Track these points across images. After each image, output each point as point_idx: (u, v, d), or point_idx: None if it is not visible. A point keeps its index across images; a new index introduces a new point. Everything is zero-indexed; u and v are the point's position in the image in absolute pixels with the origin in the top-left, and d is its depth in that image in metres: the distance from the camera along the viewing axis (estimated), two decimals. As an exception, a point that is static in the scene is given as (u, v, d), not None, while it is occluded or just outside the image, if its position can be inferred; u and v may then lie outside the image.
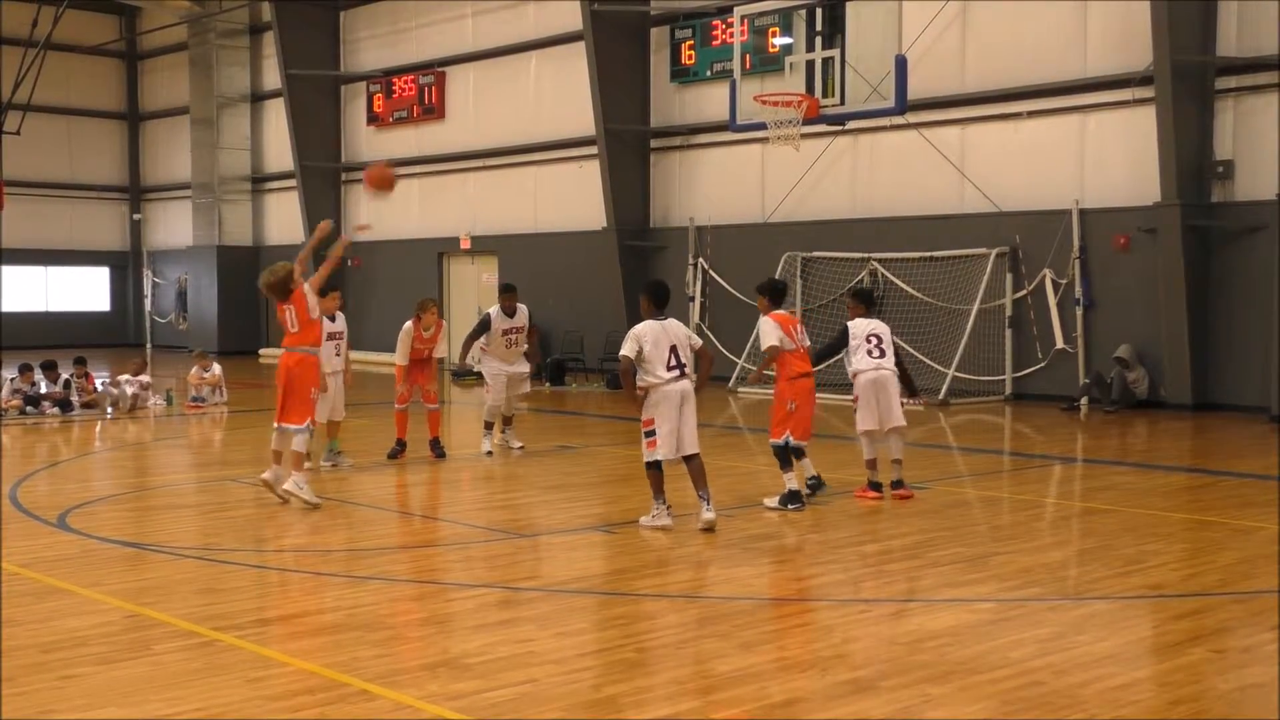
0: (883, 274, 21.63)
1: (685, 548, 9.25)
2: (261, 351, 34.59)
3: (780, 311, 10.84)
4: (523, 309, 14.31)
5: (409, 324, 13.77)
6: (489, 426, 14.33)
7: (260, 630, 7.02)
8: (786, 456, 10.60)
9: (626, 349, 9.51)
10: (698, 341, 9.86)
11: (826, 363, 11.58)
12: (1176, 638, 6.92)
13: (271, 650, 6.58)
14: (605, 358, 25.31)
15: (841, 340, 11.16)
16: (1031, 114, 20.38)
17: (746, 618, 7.40)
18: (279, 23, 32.12)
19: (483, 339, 14.17)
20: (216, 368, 20.26)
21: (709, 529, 9.54)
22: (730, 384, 21.98)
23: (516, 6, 28.09)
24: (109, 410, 19.00)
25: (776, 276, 11.70)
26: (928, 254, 21.02)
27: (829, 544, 9.39)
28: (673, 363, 9.49)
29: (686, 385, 9.58)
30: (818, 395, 11.25)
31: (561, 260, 26.70)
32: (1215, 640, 6.84)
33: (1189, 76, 18.16)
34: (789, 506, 10.40)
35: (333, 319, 13.04)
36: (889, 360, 10.94)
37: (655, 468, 9.67)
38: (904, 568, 8.55)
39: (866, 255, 21.82)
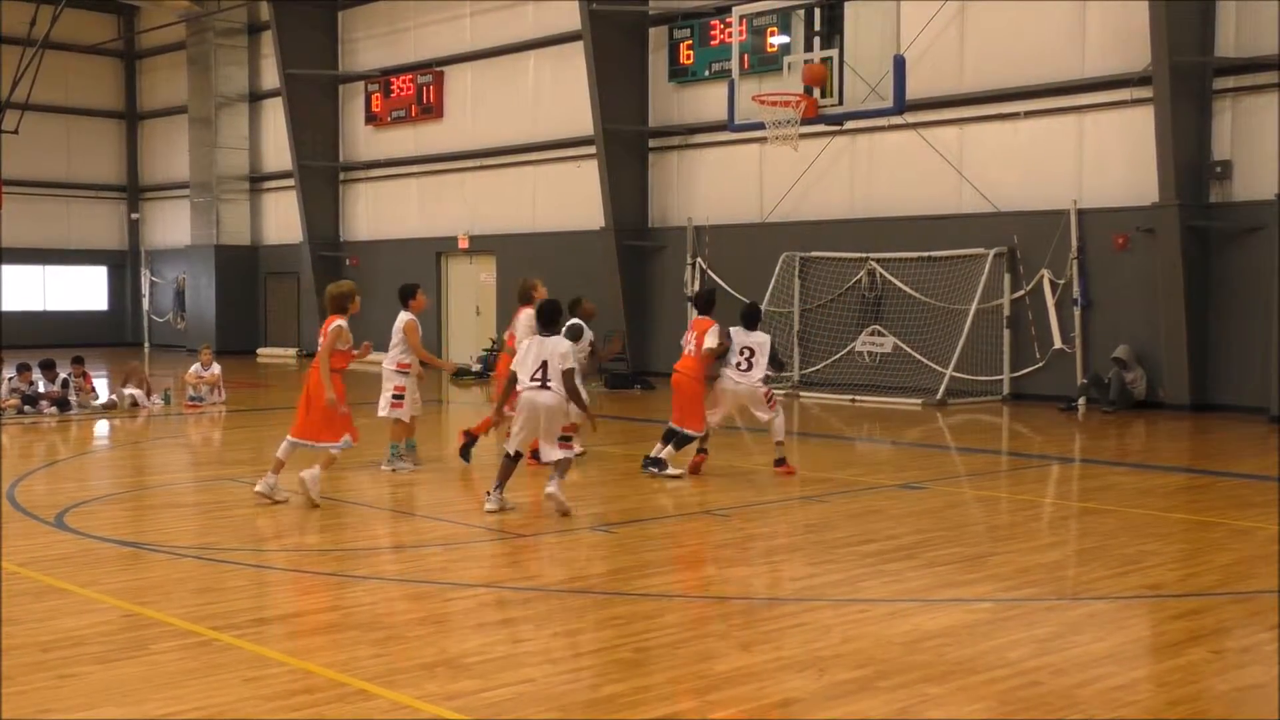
0: (881, 274, 21.64)
1: (682, 548, 9.26)
2: (259, 351, 34.61)
3: (701, 318, 12.63)
4: None
5: (528, 309, 12.64)
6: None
7: (258, 630, 7.01)
8: (667, 435, 12.49)
9: (514, 363, 10.63)
10: (569, 365, 10.37)
11: (722, 362, 12.51)
12: (1174, 638, 6.93)
13: (269, 650, 6.57)
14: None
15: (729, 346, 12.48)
16: (1030, 114, 20.39)
17: (744, 618, 7.41)
18: (277, 22, 32.11)
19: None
20: (216, 367, 20.25)
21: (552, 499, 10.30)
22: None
23: (515, 6, 28.08)
24: (98, 402, 19.08)
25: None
26: (926, 254, 21.03)
27: (827, 544, 9.40)
28: (536, 375, 10.31)
29: (548, 398, 10.25)
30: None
31: (560, 260, 26.64)
32: (1213, 640, 6.84)
33: (1187, 77, 18.17)
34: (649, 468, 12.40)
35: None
36: (754, 374, 12.35)
37: (509, 460, 10.50)
38: (902, 567, 8.55)
39: (865, 255, 21.82)
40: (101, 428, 17.60)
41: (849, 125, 20.89)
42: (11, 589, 7.81)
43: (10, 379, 18.70)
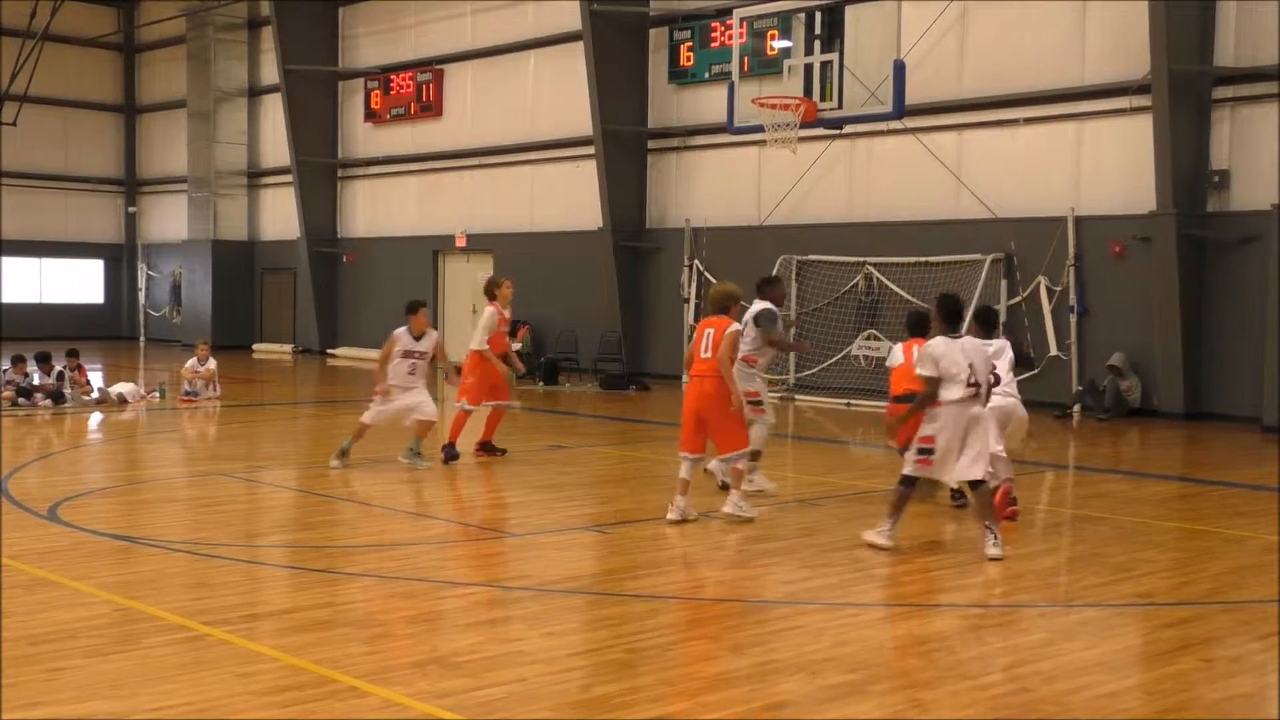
0: (878, 278, 21.64)
1: (676, 549, 9.26)
2: (255, 346, 34.58)
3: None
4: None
5: (490, 308, 13.47)
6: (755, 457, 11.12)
7: (250, 625, 7.01)
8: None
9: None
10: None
11: None
12: (1165, 646, 6.93)
13: (261, 645, 6.57)
14: (599, 358, 25.34)
15: None
16: (1029, 121, 20.39)
17: (737, 620, 7.41)
18: (278, 18, 32.10)
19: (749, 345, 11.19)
20: (212, 362, 20.22)
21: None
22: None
23: (515, 5, 28.07)
24: (92, 397, 19.07)
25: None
26: (923, 259, 21.03)
27: (820, 547, 9.39)
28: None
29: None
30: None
31: (557, 260, 26.69)
32: (1204, 649, 6.85)
33: (1186, 86, 18.18)
34: None
35: (418, 339, 12.99)
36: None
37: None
38: (895, 572, 8.56)
39: (862, 259, 21.83)
40: (96, 421, 17.58)
41: (848, 129, 20.90)
42: (3, 581, 7.80)
43: (5, 371, 18.69)
